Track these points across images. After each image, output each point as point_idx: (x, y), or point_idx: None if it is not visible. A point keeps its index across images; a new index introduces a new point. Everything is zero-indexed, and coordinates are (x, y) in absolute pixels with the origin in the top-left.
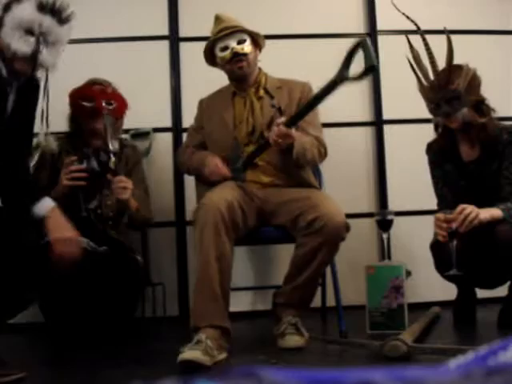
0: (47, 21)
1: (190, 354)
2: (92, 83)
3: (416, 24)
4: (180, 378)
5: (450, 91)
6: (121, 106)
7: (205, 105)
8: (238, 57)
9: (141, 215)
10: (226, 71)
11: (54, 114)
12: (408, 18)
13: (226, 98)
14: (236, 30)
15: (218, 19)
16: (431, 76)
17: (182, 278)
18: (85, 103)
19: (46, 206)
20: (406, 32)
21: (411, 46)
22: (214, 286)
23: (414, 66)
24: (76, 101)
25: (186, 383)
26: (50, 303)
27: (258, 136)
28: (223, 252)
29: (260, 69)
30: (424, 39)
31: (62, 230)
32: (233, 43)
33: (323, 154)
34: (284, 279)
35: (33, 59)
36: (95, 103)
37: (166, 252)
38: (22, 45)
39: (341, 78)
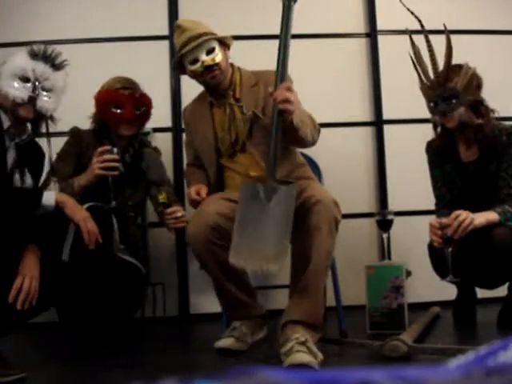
0: (40, 66)
1: (224, 342)
2: (120, 87)
3: (420, 21)
4: (181, 377)
5: (448, 89)
6: (149, 108)
7: (187, 116)
8: (209, 68)
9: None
10: (198, 82)
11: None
12: (413, 13)
13: (204, 110)
14: (202, 41)
15: (179, 28)
16: (431, 74)
17: (182, 278)
18: (114, 109)
19: (51, 195)
20: (406, 32)
21: (413, 43)
22: (232, 293)
23: (416, 63)
24: (104, 105)
25: (186, 383)
26: (65, 303)
27: (242, 144)
28: (228, 266)
29: (232, 66)
30: (426, 37)
31: (79, 210)
32: (202, 55)
33: (318, 128)
34: (289, 289)
35: (32, 104)
36: (125, 110)
37: (165, 252)
38: (19, 92)
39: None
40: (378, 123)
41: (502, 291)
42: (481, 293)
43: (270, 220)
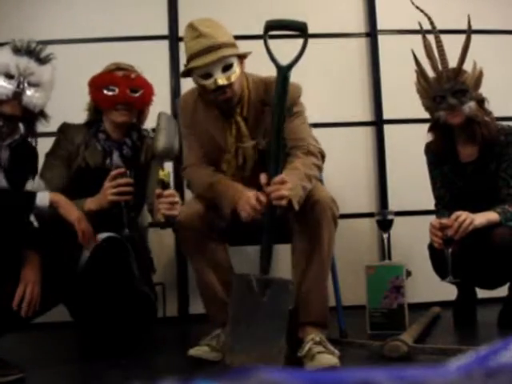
0: (24, 61)
1: (197, 350)
2: (114, 68)
3: (430, 18)
4: (181, 375)
5: (459, 83)
6: (148, 92)
7: (191, 109)
8: (222, 89)
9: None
10: (206, 96)
11: (54, 116)
12: (422, 11)
13: (211, 115)
14: (221, 57)
15: (194, 30)
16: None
17: (181, 278)
18: (106, 92)
19: (44, 195)
20: (406, 32)
21: (424, 36)
22: (216, 293)
23: (425, 55)
24: (96, 89)
25: (186, 383)
26: (77, 302)
27: (250, 170)
28: (216, 260)
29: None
30: (436, 33)
31: (73, 210)
32: (217, 71)
33: (320, 163)
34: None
35: (17, 100)
36: (118, 91)
37: (165, 252)
38: (3, 88)
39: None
40: (378, 123)
41: (502, 291)
42: (481, 293)
43: (264, 318)
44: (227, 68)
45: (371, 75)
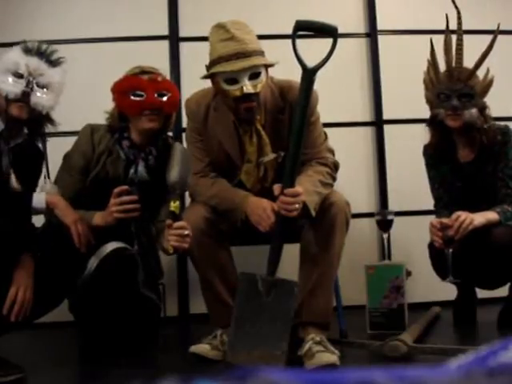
0: (34, 62)
1: (198, 348)
2: (138, 72)
3: (459, 14)
4: (181, 375)
5: (468, 87)
6: (175, 95)
7: (203, 114)
8: (247, 97)
9: None
10: (224, 101)
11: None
12: (456, 7)
13: (226, 123)
14: (252, 66)
15: (226, 32)
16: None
17: (181, 277)
18: (133, 97)
19: (41, 196)
20: (406, 32)
21: (447, 27)
22: (219, 294)
23: (443, 49)
24: (122, 94)
25: (185, 383)
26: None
27: (271, 181)
28: (220, 262)
29: None
30: (460, 25)
31: (70, 212)
32: (244, 78)
33: (334, 174)
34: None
35: (25, 100)
36: (146, 96)
37: None
38: (12, 87)
39: (308, 73)
40: (378, 123)
41: (502, 291)
42: (481, 293)
43: (268, 319)
44: (255, 76)
45: (371, 75)
